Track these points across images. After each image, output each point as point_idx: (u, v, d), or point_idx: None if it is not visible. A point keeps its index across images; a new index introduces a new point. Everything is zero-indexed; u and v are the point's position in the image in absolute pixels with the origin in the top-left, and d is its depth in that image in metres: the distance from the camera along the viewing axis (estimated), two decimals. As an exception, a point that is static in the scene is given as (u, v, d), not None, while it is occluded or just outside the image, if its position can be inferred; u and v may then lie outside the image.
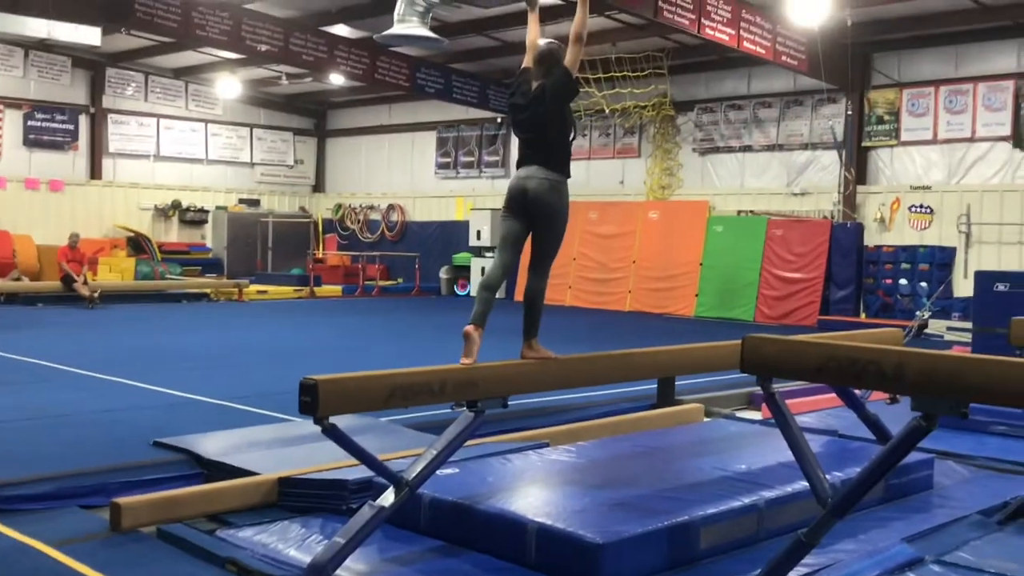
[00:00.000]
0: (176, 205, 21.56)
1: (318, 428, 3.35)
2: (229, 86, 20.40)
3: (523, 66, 5.09)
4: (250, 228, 22.09)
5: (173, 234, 21.68)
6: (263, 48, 15.34)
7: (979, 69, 14.55)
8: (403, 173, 22.78)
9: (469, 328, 4.54)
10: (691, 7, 12.27)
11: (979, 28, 14.12)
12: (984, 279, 9.03)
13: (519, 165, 4.96)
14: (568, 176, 4.95)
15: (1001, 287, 8.61)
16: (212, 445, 5.19)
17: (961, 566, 3.70)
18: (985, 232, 14.42)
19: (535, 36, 5.15)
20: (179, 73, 21.19)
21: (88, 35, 13.58)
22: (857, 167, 15.52)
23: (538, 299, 5.13)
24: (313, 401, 3.26)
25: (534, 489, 4.11)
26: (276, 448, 5.16)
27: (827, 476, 3.40)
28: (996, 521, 4.33)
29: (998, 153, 14.42)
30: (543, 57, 4.98)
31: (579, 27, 4.83)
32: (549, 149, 4.88)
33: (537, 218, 4.92)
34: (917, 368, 2.77)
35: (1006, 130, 14.28)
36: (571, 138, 4.97)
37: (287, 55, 15.79)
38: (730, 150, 17.15)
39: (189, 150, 21.94)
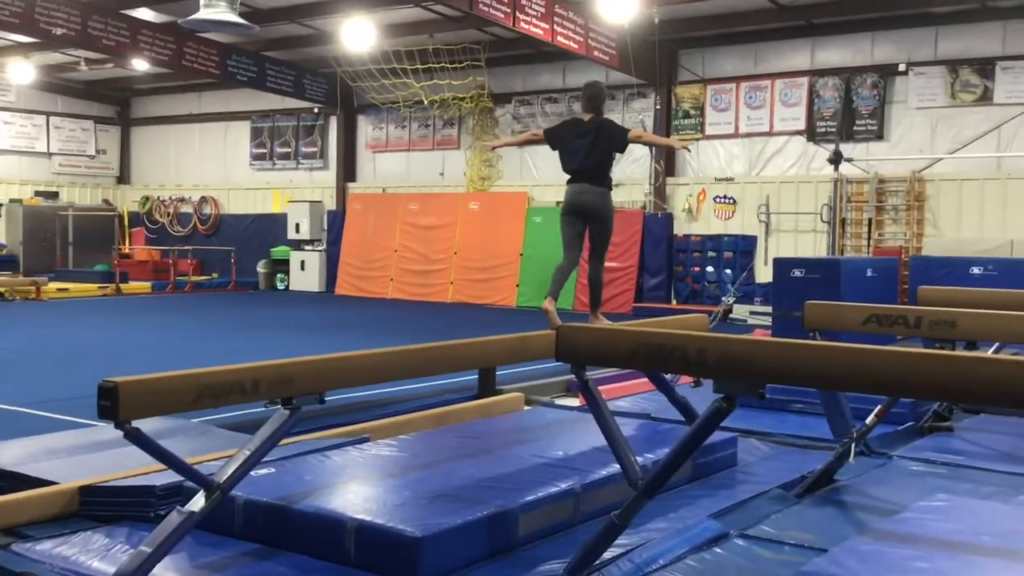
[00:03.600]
0: (-37, 198, 20.04)
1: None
2: (22, 71, 19.07)
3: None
4: (48, 222, 20.76)
5: (-40, 229, 20.17)
6: (59, 31, 14.42)
7: (776, 66, 15.42)
8: (216, 164, 21.98)
9: (546, 302, 7.05)
10: (506, 1, 12.40)
11: (776, 27, 14.96)
12: (782, 265, 9.55)
13: (572, 181, 7.43)
14: (611, 188, 7.45)
15: (797, 273, 9.13)
16: (5, 454, 4.84)
17: (763, 539, 3.91)
18: (783, 221, 15.31)
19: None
20: (-36, 56, 19.67)
21: None
22: (666, 159, 16.15)
23: (598, 280, 7.45)
24: (113, 405, 3.08)
25: (353, 485, 4.05)
26: (77, 455, 4.87)
27: (639, 458, 3.50)
28: (795, 494, 4.59)
29: (794, 146, 15.34)
30: (591, 95, 7.58)
31: (641, 136, 8.43)
32: (595, 170, 7.35)
33: (591, 220, 7.28)
34: (717, 352, 2.89)
35: (801, 124, 15.21)
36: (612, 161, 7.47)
37: (85, 39, 14.91)
38: (547, 142, 17.43)
39: (-23, 139, 20.43)
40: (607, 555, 3.44)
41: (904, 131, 14.50)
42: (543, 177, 17.51)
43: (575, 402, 7.07)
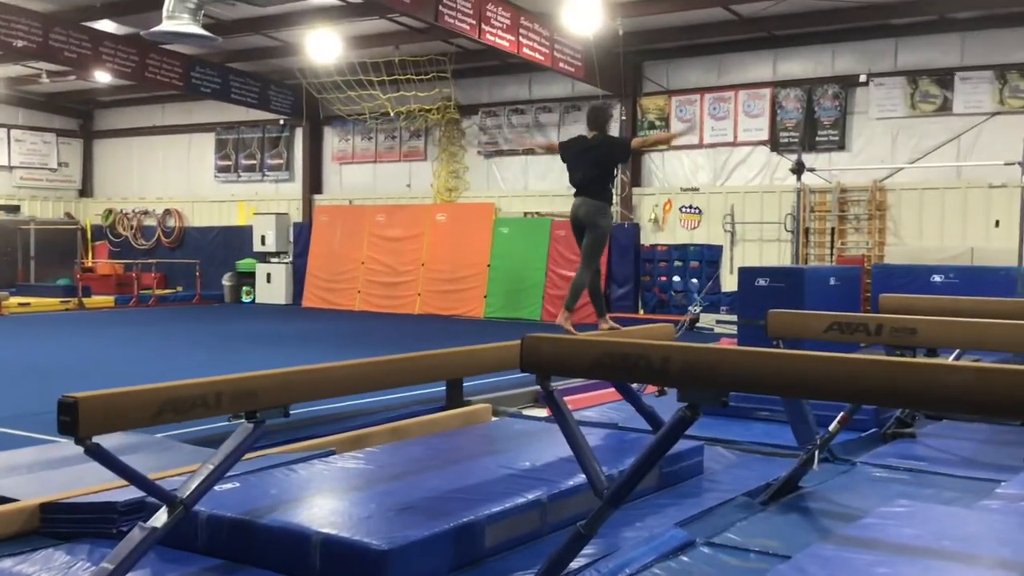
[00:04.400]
0: (-78, 212, 19.72)
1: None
2: (-19, 83, 18.85)
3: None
4: (9, 236, 20.49)
5: (-81, 244, 19.83)
6: (19, 44, 14.25)
7: (739, 78, 15.58)
8: (180, 176, 21.81)
9: (560, 316, 7.64)
10: (471, 13, 12.43)
11: (739, 39, 15.11)
12: (746, 275, 9.62)
13: (575, 195, 7.88)
14: (609, 203, 7.88)
15: (762, 282, 9.20)
16: (-37, 473, 4.76)
17: (729, 546, 3.93)
18: (748, 230, 15.44)
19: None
20: (-78, 68, 19.39)
21: None
22: (632, 170, 16.24)
23: (582, 285, 7.79)
24: (73, 420, 3.05)
25: (319, 499, 4.03)
26: (38, 472, 4.81)
27: (606, 468, 3.51)
28: (760, 501, 4.63)
29: (758, 156, 15.49)
30: (594, 114, 8.18)
31: (644, 142, 9.73)
32: (592, 185, 7.77)
33: (586, 230, 7.74)
34: (681, 361, 2.91)
35: (764, 135, 15.36)
36: (614, 176, 8.01)
37: (47, 51, 14.74)
38: (514, 153, 17.52)
39: (-64, 152, 20.13)
40: (574, 565, 3.45)
41: (865, 141, 14.69)
42: (510, 188, 17.55)
43: (543, 412, 7.07)
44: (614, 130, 16.23)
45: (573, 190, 8.18)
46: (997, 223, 13.62)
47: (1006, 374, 2.49)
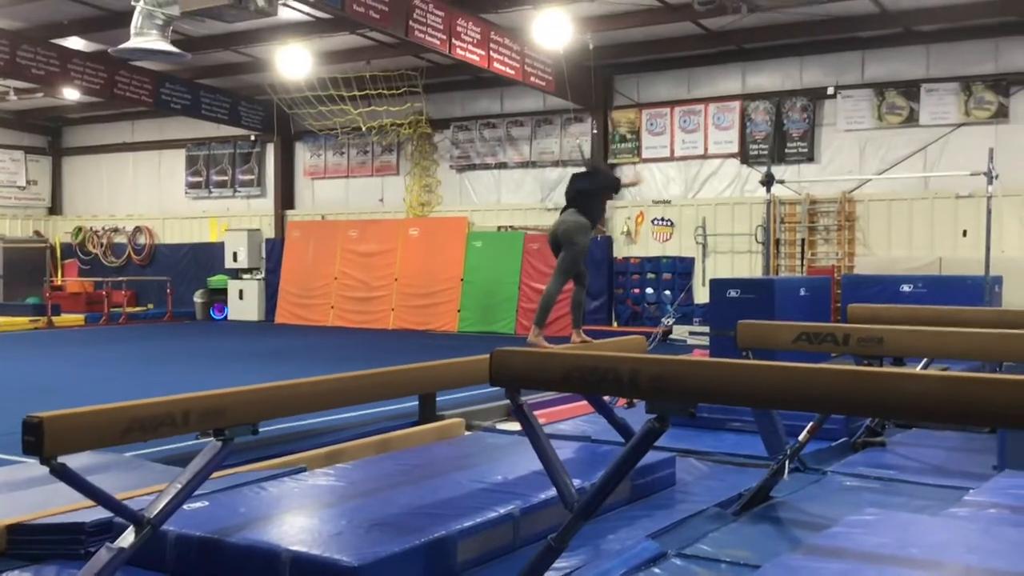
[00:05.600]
0: None
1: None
2: (-52, 101, 18.67)
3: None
4: (-23, 255, 20.28)
5: None
6: (-14, 60, 14.14)
7: (709, 91, 15.70)
8: (150, 193, 21.66)
9: (531, 333, 7.67)
10: (442, 28, 12.46)
11: (708, 52, 15.23)
12: (718, 286, 9.69)
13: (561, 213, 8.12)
14: (591, 222, 8.00)
15: (733, 293, 9.27)
16: (-72, 495, 4.69)
17: (700, 557, 3.94)
18: (719, 242, 15.54)
19: None
20: None
21: None
22: (604, 183, 16.28)
23: (578, 298, 8.10)
24: (38, 440, 3.02)
25: (288, 516, 4.00)
26: (5, 493, 4.74)
27: (578, 480, 3.52)
28: (732, 512, 4.64)
29: (728, 169, 15.60)
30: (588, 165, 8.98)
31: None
32: (573, 203, 8.00)
33: (561, 245, 7.90)
34: (649, 373, 2.92)
35: (734, 147, 15.48)
36: (602, 199, 8.45)
37: (14, 69, 14.62)
38: (486, 167, 17.55)
39: (-99, 170, 19.89)
40: (545, 579, 3.44)
41: (834, 153, 14.84)
42: (482, 202, 17.57)
43: (516, 426, 7.07)
44: (586, 146, 16.36)
45: (554, 205, 8.36)
46: (964, 233, 13.80)
47: (970, 382, 2.51)
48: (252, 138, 19.93)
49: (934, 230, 14.07)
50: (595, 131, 16.27)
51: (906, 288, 11.67)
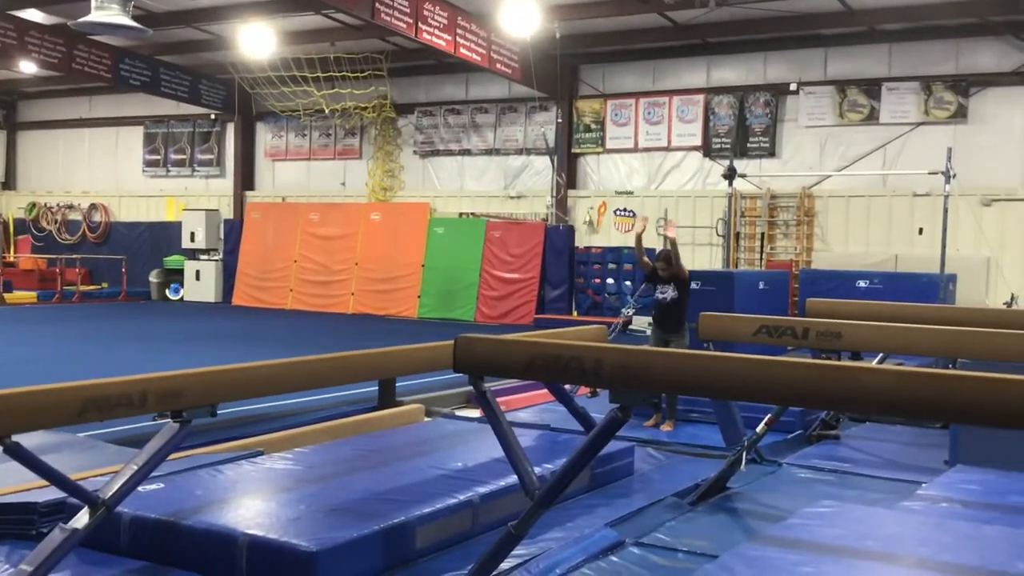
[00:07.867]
0: None
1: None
2: (-102, 70, 18.20)
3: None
4: (-74, 229, 19.83)
5: None
6: (-61, 29, 13.81)
7: (674, 83, 15.76)
8: (107, 170, 21.31)
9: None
10: (408, 11, 12.37)
11: (674, 45, 15.29)
12: (679, 278, 9.70)
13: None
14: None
15: (694, 285, 9.30)
16: None
17: (658, 546, 3.97)
18: (681, 234, 15.55)
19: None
20: None
21: None
22: (568, 172, 16.33)
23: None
24: (-9, 419, 2.96)
25: (246, 500, 3.96)
26: (-47, 473, 4.64)
27: (538, 468, 3.52)
28: (689, 502, 4.69)
29: (691, 161, 15.69)
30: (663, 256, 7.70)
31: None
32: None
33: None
34: (613, 363, 2.93)
35: (697, 140, 15.57)
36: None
37: (-32, 39, 14.31)
38: (450, 153, 17.49)
39: None
40: (505, 565, 3.45)
41: (795, 148, 14.97)
42: (445, 188, 17.51)
43: (476, 413, 7.06)
44: (550, 135, 16.36)
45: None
46: (921, 231, 14.00)
47: (925, 377, 2.55)
48: (212, 117, 19.67)
49: (891, 227, 14.26)
50: (560, 120, 16.27)
51: (862, 284, 11.83)
